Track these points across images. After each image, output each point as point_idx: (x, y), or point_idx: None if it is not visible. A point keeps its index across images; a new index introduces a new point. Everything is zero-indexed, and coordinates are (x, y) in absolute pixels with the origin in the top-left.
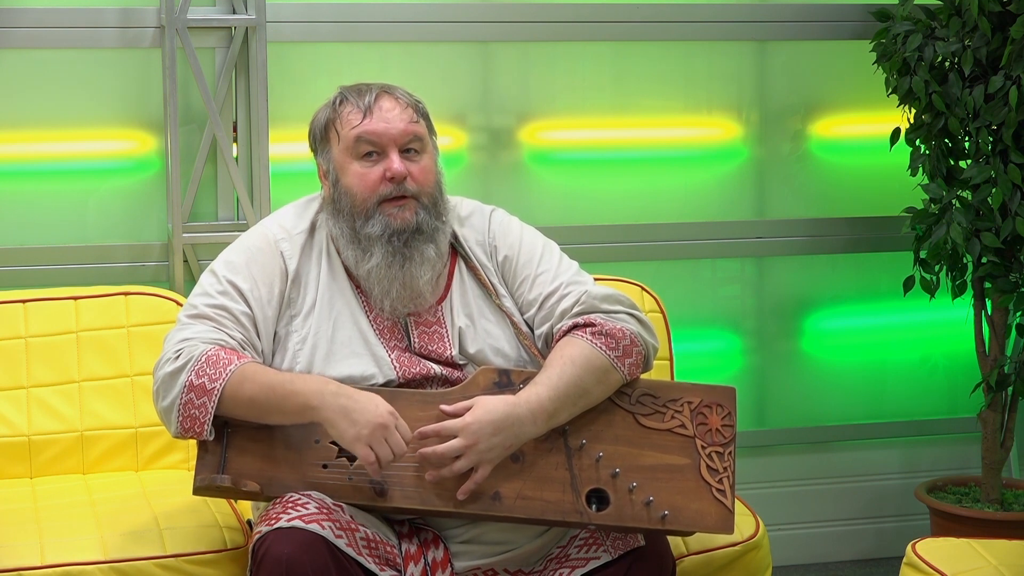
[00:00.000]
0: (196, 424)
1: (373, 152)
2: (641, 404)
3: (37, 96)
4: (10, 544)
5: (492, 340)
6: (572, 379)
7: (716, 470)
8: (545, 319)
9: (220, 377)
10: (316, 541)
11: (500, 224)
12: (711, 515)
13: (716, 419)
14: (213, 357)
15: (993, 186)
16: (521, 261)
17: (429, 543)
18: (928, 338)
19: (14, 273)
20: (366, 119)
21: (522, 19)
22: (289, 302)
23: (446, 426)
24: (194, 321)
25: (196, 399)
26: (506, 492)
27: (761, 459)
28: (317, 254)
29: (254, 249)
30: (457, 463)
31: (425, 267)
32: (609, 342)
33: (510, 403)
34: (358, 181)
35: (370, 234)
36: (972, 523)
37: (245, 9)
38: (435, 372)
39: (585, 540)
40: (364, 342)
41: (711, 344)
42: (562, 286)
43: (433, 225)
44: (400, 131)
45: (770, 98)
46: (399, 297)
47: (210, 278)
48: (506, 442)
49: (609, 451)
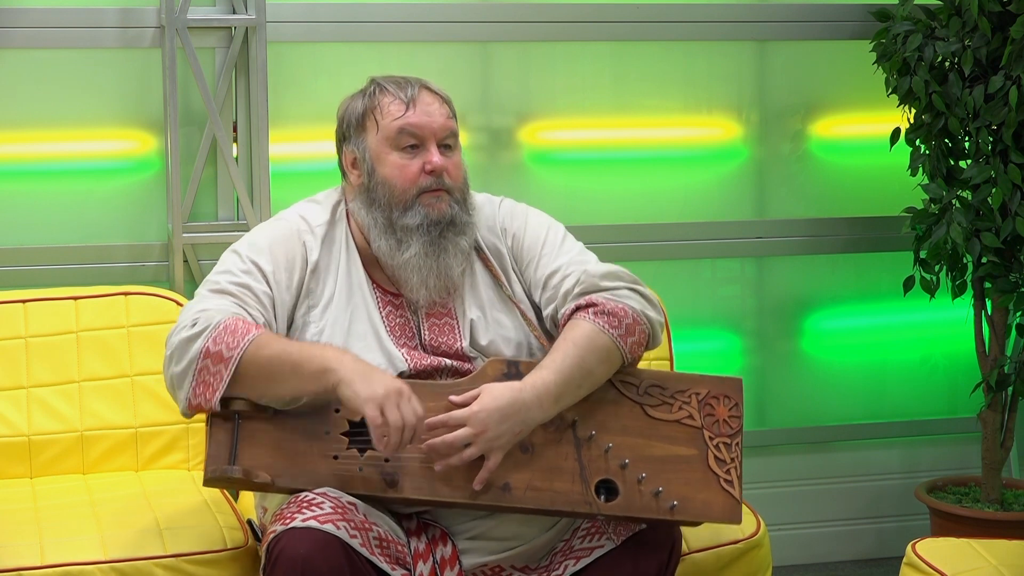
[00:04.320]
0: (208, 391)
1: (413, 144)
2: (649, 395)
3: (37, 96)
4: (10, 544)
5: (503, 331)
6: (576, 360)
7: (724, 461)
8: (550, 300)
9: (238, 346)
10: (331, 541)
11: (508, 209)
12: (718, 505)
13: (723, 410)
14: (232, 326)
15: (993, 186)
16: (528, 243)
17: (437, 540)
18: (928, 338)
19: (14, 273)
20: (409, 111)
21: (522, 19)
22: (308, 292)
23: (453, 416)
24: (215, 295)
25: (212, 366)
26: (516, 483)
27: (761, 459)
28: (337, 248)
29: (278, 235)
30: (466, 451)
31: (459, 258)
32: (612, 321)
33: (516, 389)
34: (398, 172)
35: (408, 225)
36: (972, 523)
37: (245, 9)
38: (446, 364)
39: (588, 530)
40: (376, 338)
41: (711, 344)
42: (564, 266)
43: (464, 219)
44: (440, 125)
45: (770, 98)
46: (436, 287)
47: (233, 257)
48: (514, 428)
49: (618, 442)
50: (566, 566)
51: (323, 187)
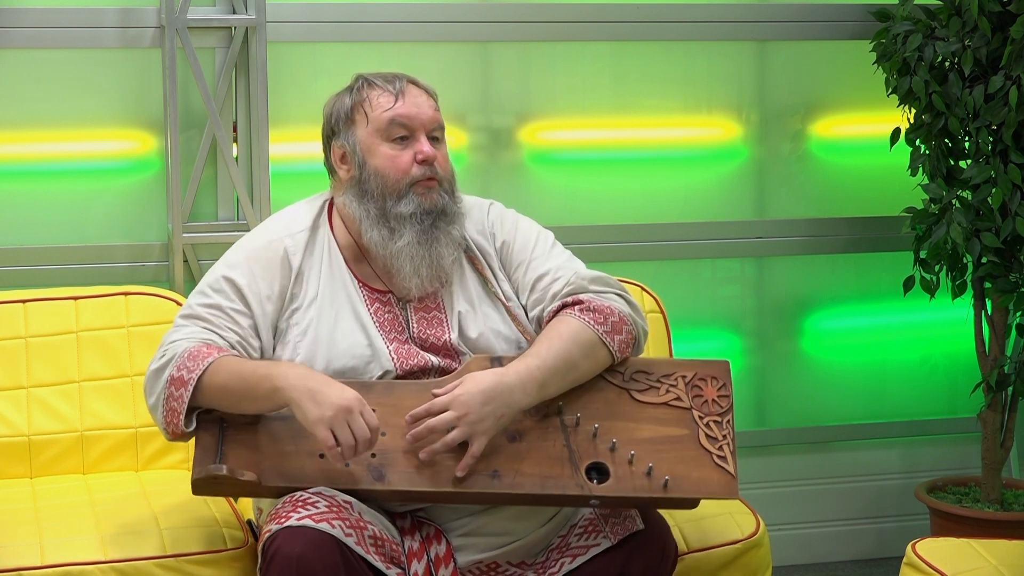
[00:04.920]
0: (175, 416)
1: (404, 136)
2: (635, 381)
3: (37, 96)
4: (10, 544)
5: (492, 324)
6: (560, 351)
7: (715, 438)
8: (538, 302)
9: (197, 368)
10: (326, 540)
11: (498, 214)
12: (714, 481)
13: (712, 390)
14: (195, 352)
15: (993, 186)
16: (517, 247)
17: (431, 538)
18: (928, 338)
19: (14, 273)
20: (399, 102)
21: (522, 19)
22: (292, 297)
23: (435, 402)
24: (187, 322)
25: (175, 391)
26: (505, 470)
27: (761, 459)
28: (319, 251)
29: (256, 247)
30: (450, 435)
31: (451, 247)
32: (597, 317)
33: (499, 373)
34: (390, 163)
35: (401, 213)
36: (972, 523)
37: (245, 9)
38: (433, 363)
39: (585, 527)
40: (364, 333)
41: (711, 344)
42: (553, 269)
43: (454, 209)
44: (429, 117)
45: (770, 98)
46: (427, 276)
47: (208, 278)
48: (497, 411)
49: (605, 425)
50: (562, 563)
51: (323, 187)
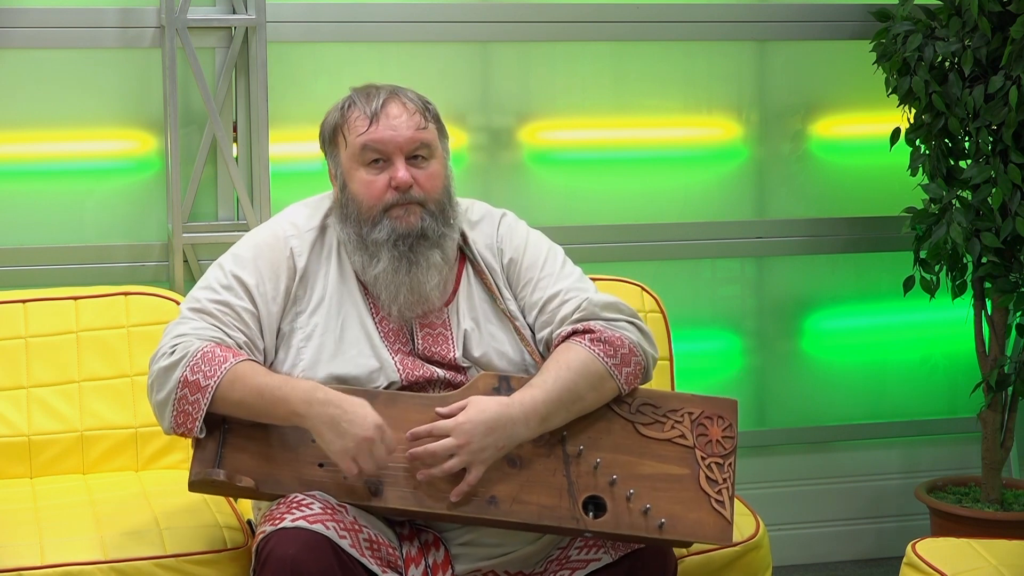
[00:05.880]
0: (189, 420)
1: (379, 159)
2: (641, 413)
3: (37, 96)
4: (10, 544)
5: (497, 344)
6: (567, 383)
7: (715, 481)
8: (546, 324)
9: (215, 375)
10: (320, 541)
11: (508, 228)
12: (709, 525)
13: (717, 430)
14: (209, 354)
15: (993, 186)
16: (525, 264)
17: (430, 545)
18: (928, 338)
19: (14, 273)
20: (372, 126)
21: (522, 19)
22: (295, 299)
23: (438, 426)
24: (195, 316)
25: (190, 395)
26: (502, 496)
27: (761, 459)
28: (327, 253)
29: (263, 244)
30: (449, 462)
31: (432, 272)
32: (607, 349)
33: (503, 404)
34: (364, 189)
35: (376, 239)
36: (972, 523)
37: (245, 9)
38: (438, 376)
39: (585, 541)
40: (370, 344)
41: (711, 344)
42: (563, 291)
43: (439, 231)
44: (406, 139)
45: (770, 98)
46: (407, 302)
47: (216, 272)
48: (499, 442)
49: (607, 459)
50: None
51: (323, 187)
